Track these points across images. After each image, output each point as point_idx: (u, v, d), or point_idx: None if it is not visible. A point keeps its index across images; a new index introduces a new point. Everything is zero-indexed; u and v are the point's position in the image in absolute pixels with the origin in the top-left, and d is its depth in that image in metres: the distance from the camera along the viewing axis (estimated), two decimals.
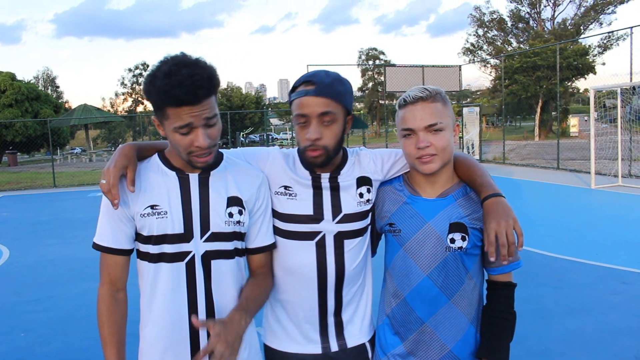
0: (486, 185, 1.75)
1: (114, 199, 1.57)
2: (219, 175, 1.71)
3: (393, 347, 1.87)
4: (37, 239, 9.99)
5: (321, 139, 1.71)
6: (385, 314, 1.91)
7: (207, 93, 1.52)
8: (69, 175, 23.29)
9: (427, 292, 1.78)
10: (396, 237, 1.83)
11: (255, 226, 1.76)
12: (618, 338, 4.47)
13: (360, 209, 1.85)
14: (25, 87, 36.41)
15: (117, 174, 1.59)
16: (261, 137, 46.83)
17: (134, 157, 1.67)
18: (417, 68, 23.88)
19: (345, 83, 1.77)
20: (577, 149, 22.20)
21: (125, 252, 1.65)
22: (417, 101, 1.71)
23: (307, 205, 1.81)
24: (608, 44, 38.02)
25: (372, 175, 1.89)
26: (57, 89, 70.08)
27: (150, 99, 1.55)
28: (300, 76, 1.78)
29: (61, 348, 4.79)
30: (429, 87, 1.74)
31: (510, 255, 1.61)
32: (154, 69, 1.53)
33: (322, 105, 1.69)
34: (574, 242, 7.90)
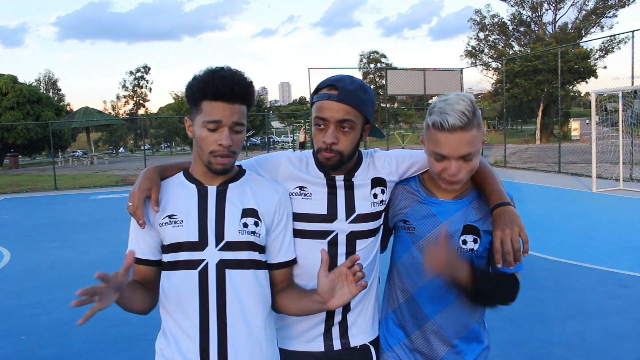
0: (495, 194, 1.79)
1: (139, 220, 1.67)
2: (237, 189, 1.75)
3: (398, 341, 1.90)
4: (38, 241, 10.00)
5: (337, 144, 1.73)
6: (391, 308, 1.94)
7: (242, 95, 1.64)
8: (70, 178, 23.31)
9: (435, 290, 1.81)
10: (409, 234, 1.85)
11: (276, 242, 1.78)
12: (619, 342, 4.47)
13: (374, 210, 1.86)
14: (27, 89, 36.44)
15: (141, 196, 1.68)
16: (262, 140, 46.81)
17: (156, 178, 1.75)
18: (419, 71, 23.90)
19: (368, 91, 1.78)
20: (578, 153, 22.19)
21: (149, 262, 1.73)
22: (455, 130, 1.65)
23: (322, 205, 1.83)
24: (609, 48, 38.02)
25: (387, 176, 1.91)
26: (58, 92, 70.18)
27: (190, 94, 1.66)
28: (326, 78, 1.79)
29: (61, 351, 4.79)
30: (467, 106, 1.66)
31: (516, 261, 1.66)
32: (202, 71, 1.68)
33: (342, 112, 1.71)
34: (574, 246, 7.89)
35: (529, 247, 1.69)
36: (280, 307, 1.79)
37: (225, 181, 1.75)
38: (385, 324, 1.96)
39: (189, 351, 1.65)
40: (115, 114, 63.00)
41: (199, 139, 1.66)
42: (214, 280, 1.66)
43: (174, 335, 1.68)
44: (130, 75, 65.93)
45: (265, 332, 1.75)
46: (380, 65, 60.89)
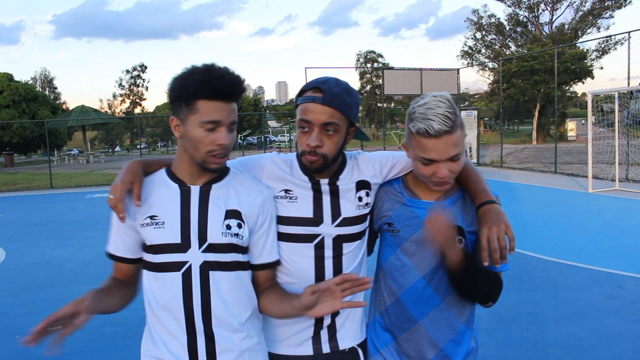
0: (480, 192, 1.78)
1: (120, 214, 1.63)
2: (221, 189, 1.72)
3: (386, 344, 1.88)
4: (33, 240, 9.98)
5: (321, 147, 1.71)
6: (379, 312, 1.93)
7: (239, 93, 1.63)
8: (66, 177, 23.25)
9: (421, 293, 1.80)
10: (394, 236, 1.84)
11: (259, 242, 1.76)
12: (614, 342, 4.48)
13: (359, 213, 1.86)
14: (23, 88, 36.37)
15: (124, 189, 1.65)
16: (259, 139, 46.82)
17: (140, 172, 1.71)
18: (416, 71, 23.92)
19: (353, 94, 1.77)
20: (574, 153, 22.24)
21: (130, 260, 1.71)
22: (441, 135, 1.64)
23: (307, 208, 1.82)
24: (606, 49, 38.15)
25: (371, 179, 1.90)
26: (54, 90, 69.96)
27: (182, 93, 1.60)
28: (311, 80, 1.77)
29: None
30: (447, 108, 1.65)
31: (502, 259, 1.65)
32: (189, 68, 1.63)
33: (327, 115, 1.69)
34: (570, 246, 7.91)
35: (515, 245, 1.68)
36: (262, 308, 1.78)
37: (209, 181, 1.72)
38: (372, 327, 1.95)
39: (178, 352, 1.64)
40: (111, 112, 62.77)
41: (195, 139, 1.61)
42: (197, 282, 1.64)
43: (160, 335, 1.67)
44: (127, 73, 65.74)
45: (254, 330, 1.75)
46: (377, 65, 60.93)
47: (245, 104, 56.52)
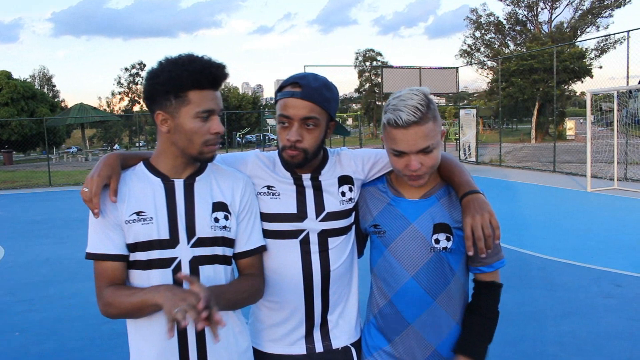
0: (464, 184, 1.76)
1: (94, 209, 1.57)
2: (204, 181, 1.71)
3: (380, 347, 1.87)
4: (32, 238, 9.97)
5: (301, 141, 1.71)
6: (372, 314, 1.91)
7: (225, 80, 1.65)
8: (64, 175, 23.22)
9: (413, 294, 1.78)
10: (381, 238, 1.83)
11: (242, 228, 1.74)
12: (612, 341, 4.49)
13: (343, 207, 1.85)
14: (22, 85, 36.31)
15: (100, 183, 1.59)
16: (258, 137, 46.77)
17: (117, 167, 1.67)
18: (415, 70, 23.92)
19: (332, 89, 1.77)
20: (573, 152, 22.25)
21: (121, 257, 1.62)
22: (409, 126, 1.64)
23: (291, 204, 1.81)
24: (605, 48, 38.13)
25: (353, 174, 1.89)
26: (53, 88, 69.91)
27: (173, 85, 1.56)
28: (289, 77, 1.78)
29: (55, 348, 4.78)
30: (419, 100, 1.65)
31: (488, 248, 1.64)
32: (169, 59, 1.59)
33: (306, 109, 1.69)
34: (569, 245, 7.92)
35: (500, 233, 1.66)
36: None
37: (191, 174, 1.70)
38: (367, 329, 1.94)
39: (168, 349, 1.62)
40: (110, 110, 62.82)
41: (190, 131, 1.59)
42: None
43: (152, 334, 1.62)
44: (126, 71, 65.78)
45: (240, 323, 1.75)
46: (376, 63, 60.91)
47: (244, 102, 56.46)
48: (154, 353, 1.63)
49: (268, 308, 1.87)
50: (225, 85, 57.81)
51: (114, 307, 1.57)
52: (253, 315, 1.94)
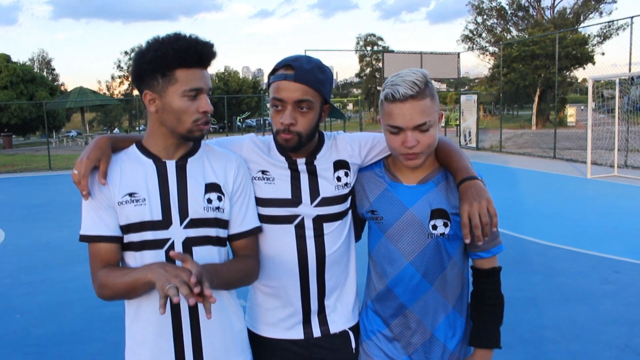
0: (461, 169, 1.74)
1: (83, 190, 1.58)
2: (196, 162, 1.70)
3: (378, 331, 1.88)
4: (32, 221, 10.00)
5: (295, 125, 1.69)
6: (370, 298, 1.92)
7: (213, 59, 1.62)
8: (64, 158, 23.19)
9: (410, 279, 1.78)
10: (378, 224, 1.82)
11: (236, 209, 1.73)
12: (609, 326, 4.52)
13: (338, 193, 1.84)
14: (21, 69, 36.15)
15: (89, 165, 1.59)
16: (258, 121, 46.66)
17: (108, 149, 1.66)
18: (416, 55, 23.81)
19: (326, 71, 1.75)
20: (573, 139, 22.22)
21: (116, 239, 1.62)
22: (406, 99, 1.63)
23: (285, 189, 1.80)
24: (607, 34, 37.94)
25: (350, 159, 1.87)
26: (52, 72, 69.54)
27: (159, 64, 1.55)
28: (281, 59, 1.75)
29: (55, 330, 4.81)
30: (418, 77, 1.65)
31: (485, 235, 1.62)
32: (156, 39, 1.59)
33: (299, 92, 1.67)
34: (568, 231, 7.94)
35: (497, 221, 1.64)
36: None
37: (184, 155, 1.69)
38: (365, 313, 1.94)
39: (163, 330, 1.62)
40: (110, 94, 62.57)
41: (178, 110, 1.58)
42: None
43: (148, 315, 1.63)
44: (125, 55, 65.37)
45: (235, 304, 1.75)
46: (377, 48, 60.59)
47: (244, 87, 56.25)
48: (149, 332, 1.64)
49: (264, 293, 1.87)
50: (225, 69, 57.58)
51: (108, 288, 1.57)
52: (250, 299, 1.94)
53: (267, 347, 1.89)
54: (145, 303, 1.62)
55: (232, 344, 1.72)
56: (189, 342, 1.64)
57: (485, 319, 1.82)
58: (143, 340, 1.65)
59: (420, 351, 1.83)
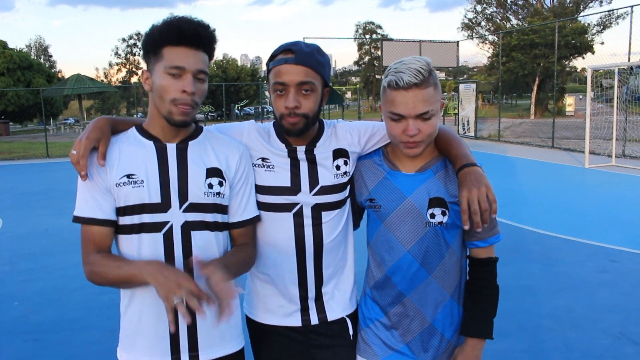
0: (461, 156, 1.73)
1: (81, 171, 1.56)
2: (198, 146, 1.69)
3: (376, 318, 1.89)
4: (30, 209, 9.99)
5: (300, 107, 1.69)
6: (369, 286, 1.92)
7: (206, 41, 1.59)
8: (62, 146, 23.14)
9: (408, 268, 1.79)
10: (376, 212, 1.82)
11: (236, 198, 1.73)
12: (605, 315, 4.54)
13: (337, 181, 1.84)
14: (18, 55, 35.95)
15: (89, 146, 1.58)
16: (256, 109, 46.56)
17: (107, 130, 1.65)
18: (415, 43, 23.71)
19: (324, 54, 1.76)
20: (572, 128, 22.23)
21: (109, 223, 1.61)
22: (410, 87, 1.62)
23: (285, 177, 1.80)
24: (607, 23, 37.75)
25: (349, 147, 1.87)
26: (49, 58, 69.17)
27: (150, 41, 1.58)
28: (279, 45, 1.75)
29: (54, 317, 4.82)
30: (422, 65, 1.64)
31: (484, 222, 1.61)
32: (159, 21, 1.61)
33: (301, 74, 1.67)
34: (565, 220, 7.96)
35: (497, 207, 1.62)
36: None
37: (184, 138, 1.68)
38: (363, 301, 1.95)
39: (158, 316, 1.61)
40: (107, 81, 62.30)
41: (160, 88, 1.56)
42: (179, 242, 1.61)
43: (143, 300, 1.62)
44: (123, 42, 65.13)
45: None
46: (376, 36, 60.32)
47: (242, 74, 56.03)
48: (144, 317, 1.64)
49: (262, 280, 1.88)
50: (224, 57, 57.29)
51: (100, 276, 1.57)
52: (248, 287, 1.95)
53: (266, 333, 1.90)
54: (140, 289, 1.61)
55: (226, 329, 1.72)
56: (184, 327, 1.64)
57: (478, 309, 1.82)
58: (139, 326, 1.65)
59: (418, 339, 1.84)
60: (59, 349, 4.22)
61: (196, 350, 1.66)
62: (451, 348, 1.86)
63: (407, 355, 1.85)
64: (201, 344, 1.66)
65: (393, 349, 1.86)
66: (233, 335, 1.76)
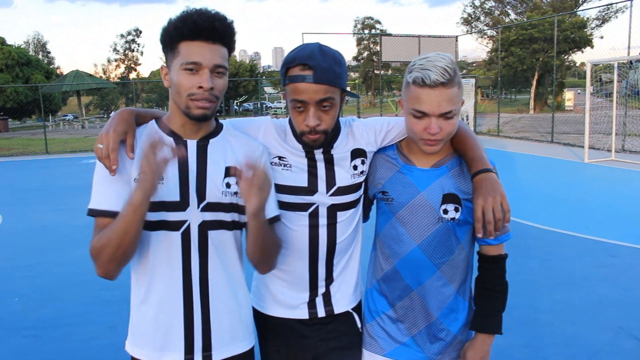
0: (477, 160, 1.73)
1: (112, 165, 1.52)
2: (218, 144, 1.66)
3: (382, 311, 1.90)
4: (29, 205, 9.98)
5: (320, 124, 1.67)
6: (376, 279, 1.93)
7: (223, 34, 1.54)
8: (61, 142, 23.12)
9: (417, 262, 1.79)
10: (389, 205, 1.83)
11: None
12: (604, 309, 4.55)
13: (354, 181, 1.84)
14: (16, 52, 35.86)
15: (117, 138, 1.54)
16: (255, 105, 46.52)
17: (133, 122, 1.62)
18: (414, 38, 23.66)
19: (341, 62, 1.71)
20: (571, 123, 22.20)
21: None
22: (437, 86, 1.61)
23: (302, 177, 1.79)
24: (606, 17, 37.67)
25: (366, 147, 1.87)
26: (48, 55, 69.02)
27: (166, 37, 1.55)
28: (293, 55, 1.68)
29: (54, 313, 4.82)
30: (448, 63, 1.62)
31: (496, 230, 1.62)
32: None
33: (320, 92, 1.63)
34: (565, 215, 7.97)
35: (510, 216, 1.64)
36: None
37: (205, 136, 1.65)
38: (370, 293, 1.95)
39: (174, 312, 1.61)
40: (106, 77, 62.18)
41: (177, 84, 1.54)
42: (196, 241, 1.60)
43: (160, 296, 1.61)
44: (122, 38, 64.91)
45: (243, 289, 1.75)
46: (375, 31, 60.19)
47: (241, 70, 55.94)
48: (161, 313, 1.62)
49: (273, 274, 1.88)
50: None
51: (105, 251, 1.48)
52: (257, 279, 1.95)
53: (273, 325, 1.91)
54: (157, 284, 1.61)
55: (238, 328, 1.73)
56: (199, 325, 1.64)
57: (488, 305, 1.83)
58: (154, 322, 1.63)
59: (424, 333, 1.85)
60: (58, 344, 4.22)
61: (209, 350, 1.66)
62: (457, 342, 1.88)
63: (413, 348, 1.86)
64: (214, 344, 1.66)
65: (399, 341, 1.87)
66: (244, 334, 1.76)
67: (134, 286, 1.68)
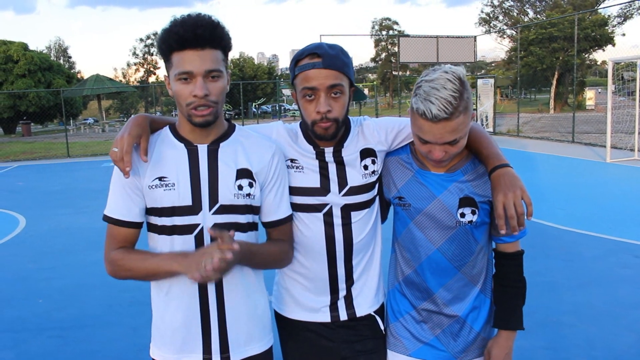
0: (492, 157, 1.72)
1: (126, 167, 1.55)
2: (228, 147, 1.68)
3: (406, 311, 1.90)
4: (51, 208, 10.13)
5: (331, 111, 1.69)
6: (397, 280, 1.93)
7: (209, 38, 1.54)
8: (82, 146, 23.44)
9: (437, 265, 1.80)
10: (405, 210, 1.83)
11: (269, 198, 1.73)
12: (628, 311, 4.48)
13: (366, 181, 1.84)
14: (38, 57, 36.39)
15: (131, 142, 1.58)
16: (273, 107, 46.65)
17: (147, 127, 1.66)
18: (432, 39, 23.55)
19: (347, 55, 1.76)
20: (592, 122, 21.89)
21: (136, 225, 1.64)
22: (439, 121, 1.58)
23: (314, 178, 1.81)
24: (628, 14, 37.09)
25: (376, 146, 1.87)
26: (69, 60, 70.02)
27: (160, 49, 1.60)
28: (302, 49, 1.74)
29: (77, 314, 4.89)
30: (452, 92, 1.56)
31: (520, 225, 1.60)
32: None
33: (330, 78, 1.67)
34: (586, 215, 7.86)
35: (533, 209, 1.61)
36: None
37: (216, 140, 1.67)
38: (392, 295, 1.96)
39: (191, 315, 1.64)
40: (126, 81, 62.91)
41: (176, 94, 1.58)
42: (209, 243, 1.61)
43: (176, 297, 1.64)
44: (141, 42, 65.66)
45: (259, 289, 1.76)
46: (393, 32, 60.02)
47: (259, 72, 56.21)
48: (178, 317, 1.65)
49: (292, 278, 1.89)
50: (240, 55, 57.46)
51: (124, 269, 1.61)
52: (277, 282, 1.97)
53: (294, 328, 1.92)
54: (176, 289, 1.64)
55: (255, 330, 1.74)
56: (216, 326, 1.65)
57: (508, 301, 1.83)
58: (172, 323, 1.66)
59: (447, 332, 1.86)
60: (81, 345, 4.28)
61: (227, 352, 1.68)
62: (479, 339, 1.88)
63: (437, 348, 1.87)
64: (232, 345, 1.68)
65: (423, 341, 1.87)
66: (262, 334, 1.77)
67: (154, 289, 1.71)
